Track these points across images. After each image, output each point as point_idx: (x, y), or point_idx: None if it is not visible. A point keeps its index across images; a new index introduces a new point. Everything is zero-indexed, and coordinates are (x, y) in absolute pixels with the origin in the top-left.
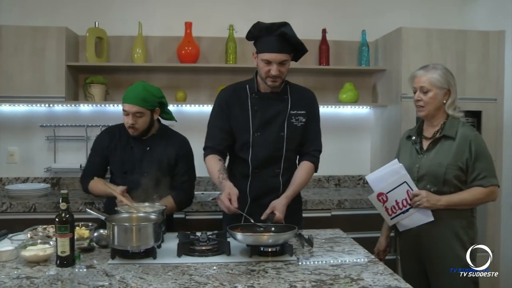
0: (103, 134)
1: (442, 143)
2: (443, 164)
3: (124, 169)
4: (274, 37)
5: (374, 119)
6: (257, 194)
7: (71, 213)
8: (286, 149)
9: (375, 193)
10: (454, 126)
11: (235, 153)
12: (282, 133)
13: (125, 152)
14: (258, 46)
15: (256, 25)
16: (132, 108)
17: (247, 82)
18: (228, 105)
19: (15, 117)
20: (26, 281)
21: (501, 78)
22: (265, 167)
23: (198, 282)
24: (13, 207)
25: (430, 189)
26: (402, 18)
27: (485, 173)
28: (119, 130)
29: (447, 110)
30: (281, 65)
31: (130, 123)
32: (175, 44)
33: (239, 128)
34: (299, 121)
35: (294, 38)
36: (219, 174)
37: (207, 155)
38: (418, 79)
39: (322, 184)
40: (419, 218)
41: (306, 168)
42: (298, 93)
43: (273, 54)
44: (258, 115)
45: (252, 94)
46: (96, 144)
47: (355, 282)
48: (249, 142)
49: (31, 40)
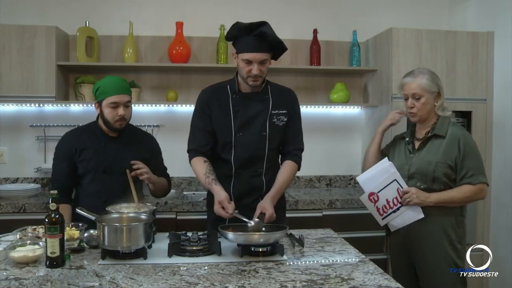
0: (67, 138)
1: (432, 142)
2: (433, 162)
3: (102, 168)
4: (253, 36)
5: (365, 119)
6: (240, 194)
7: (61, 213)
8: (268, 148)
9: (366, 193)
10: (444, 126)
11: (217, 155)
12: (264, 133)
13: (99, 151)
14: (238, 46)
15: (235, 25)
16: (124, 98)
17: (227, 82)
18: (209, 106)
19: (5, 117)
20: (15, 282)
21: (490, 79)
22: (248, 167)
23: (189, 282)
24: (2, 208)
25: (420, 186)
26: (392, 18)
27: (473, 171)
28: (86, 131)
29: (437, 111)
30: (261, 64)
31: (122, 113)
32: (166, 44)
33: (220, 129)
34: (280, 120)
35: (274, 37)
36: (206, 178)
37: (192, 157)
38: (408, 86)
39: (313, 184)
40: (410, 215)
41: (289, 168)
42: (279, 92)
43: (253, 53)
44: (239, 115)
45: (233, 94)
46: (61, 150)
47: (346, 282)
48: (231, 142)
49: (21, 39)
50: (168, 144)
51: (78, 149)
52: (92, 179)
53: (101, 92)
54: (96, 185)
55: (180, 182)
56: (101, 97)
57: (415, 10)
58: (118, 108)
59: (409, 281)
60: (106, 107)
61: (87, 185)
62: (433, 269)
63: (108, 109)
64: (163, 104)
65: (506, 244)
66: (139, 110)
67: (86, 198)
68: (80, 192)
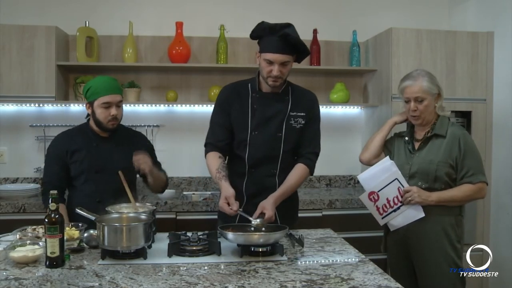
0: (58, 139)
1: (433, 142)
2: (434, 162)
3: (94, 169)
4: (276, 37)
5: (365, 119)
6: (253, 193)
7: (60, 213)
8: (283, 150)
9: (366, 192)
10: (444, 125)
11: (233, 151)
12: (280, 134)
13: (91, 152)
14: (261, 46)
15: (260, 24)
16: (117, 98)
17: (249, 80)
18: (229, 103)
19: (5, 117)
20: (14, 282)
21: (490, 79)
22: (262, 166)
23: (189, 282)
24: (2, 208)
25: (421, 185)
26: (392, 18)
27: (473, 170)
28: (78, 132)
29: (438, 111)
30: (282, 66)
31: (114, 113)
32: (166, 44)
33: (237, 126)
34: (298, 122)
35: (297, 40)
36: (217, 173)
37: (208, 151)
38: (410, 89)
39: (313, 184)
40: (411, 214)
41: (299, 171)
42: (299, 94)
43: (275, 54)
44: (257, 114)
45: (253, 93)
46: (52, 152)
47: (346, 282)
48: (246, 140)
49: (21, 39)
50: (168, 144)
51: (69, 150)
52: (85, 179)
53: (93, 93)
54: (89, 185)
55: (180, 182)
56: (93, 98)
57: (415, 10)
58: (110, 108)
59: (408, 281)
60: (98, 107)
61: (81, 185)
62: (433, 268)
63: (100, 109)
64: (163, 104)
65: (506, 244)
66: (139, 110)
67: (80, 199)
68: (74, 193)
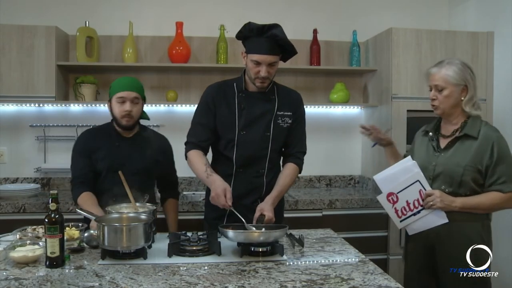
0: (85, 135)
1: (462, 142)
2: (461, 165)
3: (114, 168)
4: (264, 38)
5: (365, 119)
6: (240, 194)
7: (60, 213)
8: (271, 149)
9: (385, 193)
10: (476, 125)
11: (219, 152)
12: (268, 133)
13: (112, 151)
14: (248, 46)
15: (247, 25)
16: (131, 94)
17: (234, 80)
18: (215, 103)
19: (5, 117)
20: (14, 282)
21: (490, 79)
22: (249, 166)
23: (189, 282)
24: (2, 208)
25: (444, 190)
26: (392, 18)
27: (505, 177)
28: (102, 131)
29: (464, 107)
30: (270, 67)
31: (127, 109)
32: (166, 44)
33: (224, 126)
34: (285, 122)
35: (285, 40)
36: (207, 167)
37: (189, 149)
38: (432, 76)
39: (313, 184)
40: (432, 219)
41: (290, 170)
42: (285, 94)
43: (263, 55)
44: (245, 113)
45: (240, 92)
46: (79, 146)
47: (346, 282)
48: (234, 140)
49: (21, 39)
50: None
51: (93, 148)
52: (104, 178)
53: (112, 90)
54: (108, 184)
55: (180, 182)
56: (111, 94)
57: (415, 10)
58: (124, 103)
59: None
60: (114, 103)
61: (100, 184)
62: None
63: (116, 105)
64: (163, 104)
65: (506, 244)
66: None
67: (97, 197)
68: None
